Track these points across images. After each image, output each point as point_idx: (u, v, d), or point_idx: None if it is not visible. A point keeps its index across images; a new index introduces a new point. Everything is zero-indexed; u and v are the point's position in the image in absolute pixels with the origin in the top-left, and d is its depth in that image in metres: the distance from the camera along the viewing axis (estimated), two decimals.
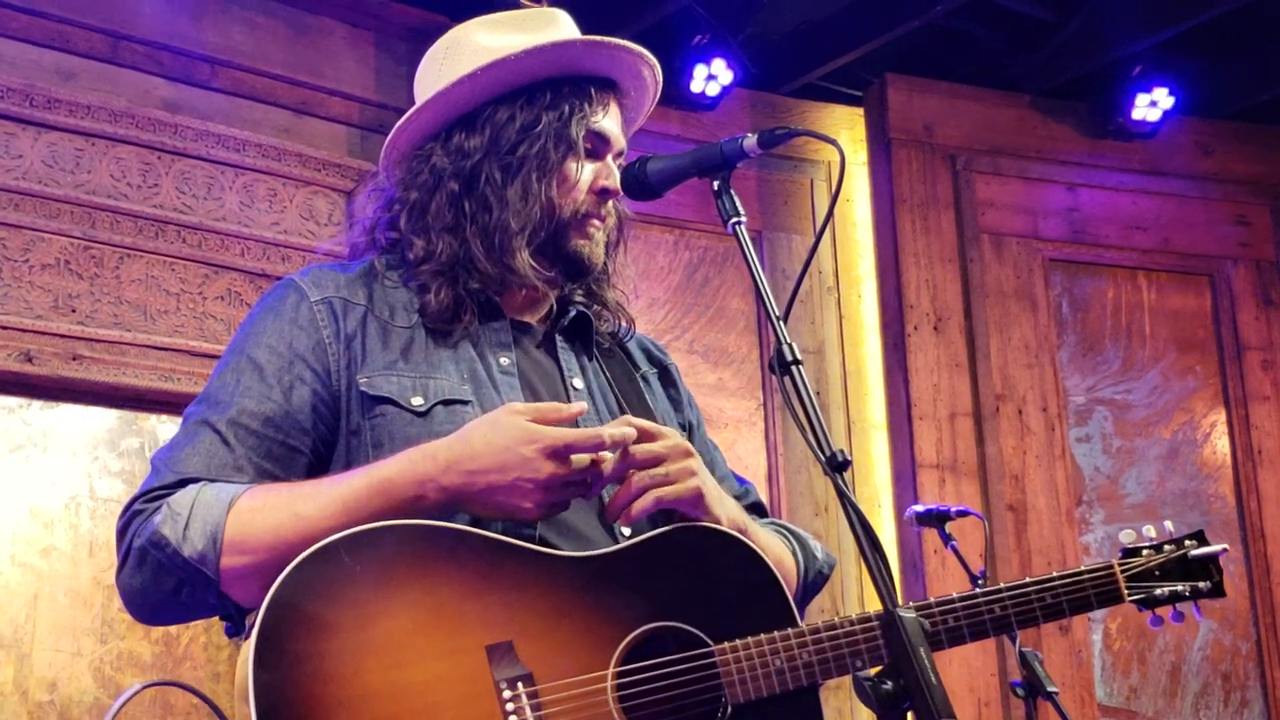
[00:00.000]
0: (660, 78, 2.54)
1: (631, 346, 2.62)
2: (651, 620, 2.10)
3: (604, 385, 2.47)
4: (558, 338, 2.45)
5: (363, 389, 2.23)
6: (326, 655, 1.94)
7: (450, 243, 2.35)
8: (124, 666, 6.17)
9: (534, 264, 2.36)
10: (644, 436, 2.17)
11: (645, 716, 2.05)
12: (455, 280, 2.34)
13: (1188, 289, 7.29)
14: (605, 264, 2.49)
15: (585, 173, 2.40)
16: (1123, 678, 6.65)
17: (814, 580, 2.51)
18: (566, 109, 2.39)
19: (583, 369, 2.46)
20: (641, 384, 2.53)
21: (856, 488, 6.49)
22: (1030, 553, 6.53)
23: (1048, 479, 6.69)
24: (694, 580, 2.15)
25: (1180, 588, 2.44)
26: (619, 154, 2.46)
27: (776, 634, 2.12)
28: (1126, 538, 2.50)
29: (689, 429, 2.60)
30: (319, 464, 2.24)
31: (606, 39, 2.42)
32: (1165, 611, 2.44)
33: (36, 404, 6.19)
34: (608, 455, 2.14)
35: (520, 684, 2.00)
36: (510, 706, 1.98)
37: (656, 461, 2.15)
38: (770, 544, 2.38)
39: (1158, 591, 2.43)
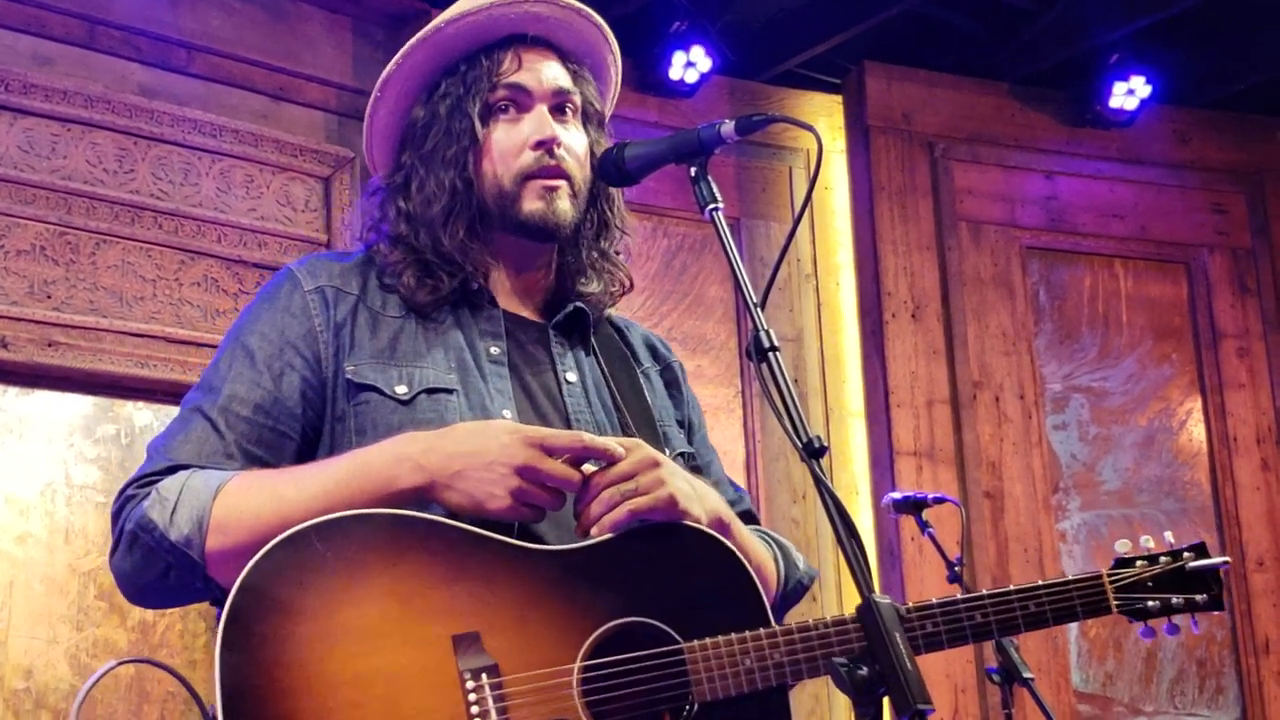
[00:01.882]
0: (578, 6, 2.45)
1: (635, 340, 2.61)
2: (622, 615, 2.08)
3: (599, 379, 2.45)
4: (552, 331, 2.44)
5: (348, 376, 2.26)
6: (293, 639, 1.96)
7: (407, 234, 2.38)
8: (100, 653, 6.15)
9: (467, 244, 2.36)
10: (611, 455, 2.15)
11: (609, 711, 2.04)
12: (427, 267, 2.36)
13: (1164, 277, 7.31)
14: (588, 220, 2.46)
15: (514, 133, 2.37)
16: (1098, 664, 6.68)
17: (793, 589, 2.49)
18: (462, 87, 2.38)
19: (578, 363, 2.44)
20: (641, 380, 2.51)
21: (834, 475, 6.49)
22: (1007, 539, 6.55)
23: (1024, 466, 6.70)
24: (668, 577, 2.13)
25: (1174, 599, 2.37)
26: (554, 97, 2.40)
27: (748, 633, 2.10)
28: (1121, 547, 2.42)
29: (688, 428, 2.58)
30: (308, 450, 2.27)
31: (474, 6, 2.39)
32: (1159, 623, 2.38)
33: (12, 391, 6.17)
34: (588, 467, 2.13)
35: (484, 675, 1.99)
36: (473, 697, 1.98)
37: (626, 477, 2.13)
38: (752, 546, 2.36)
39: (1149, 603, 2.37)
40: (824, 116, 6.95)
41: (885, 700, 1.82)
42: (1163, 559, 2.40)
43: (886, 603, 1.83)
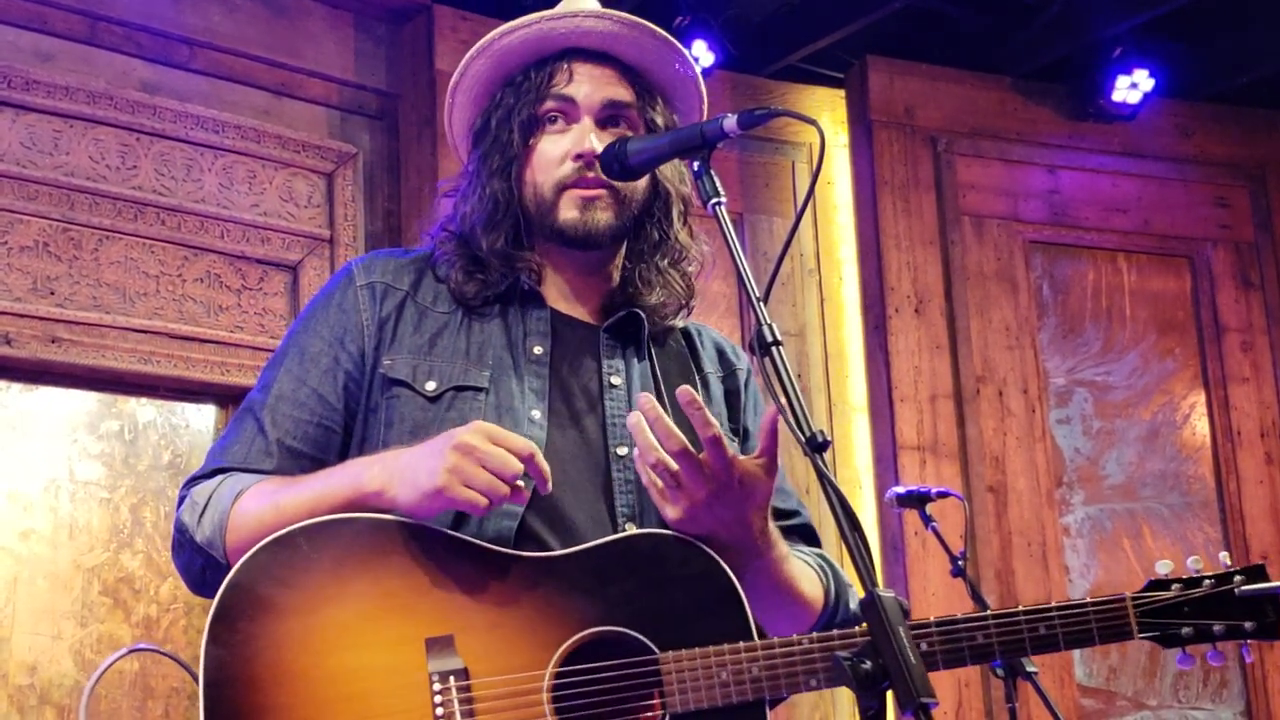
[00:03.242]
0: (634, 20, 2.46)
1: (705, 346, 2.58)
2: (599, 624, 2.08)
3: (649, 386, 2.42)
4: (603, 335, 2.42)
5: (383, 371, 2.32)
6: (273, 636, 2.02)
7: (464, 233, 2.44)
8: (104, 649, 6.16)
9: (508, 250, 2.38)
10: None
11: (578, 719, 2.04)
12: (477, 261, 2.40)
13: (1167, 271, 7.30)
14: (643, 234, 2.46)
15: (558, 144, 2.38)
16: (1102, 658, 6.67)
17: (841, 621, 2.38)
18: (514, 98, 2.41)
19: (627, 367, 2.42)
20: (699, 388, 2.48)
21: (837, 470, 6.49)
22: (1010, 534, 6.54)
23: (1028, 460, 6.70)
24: (648, 587, 2.12)
25: (1215, 627, 2.16)
26: (604, 109, 2.41)
27: (726, 646, 2.08)
28: (1163, 568, 2.21)
29: (744, 436, 2.54)
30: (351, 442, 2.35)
31: (529, 20, 2.42)
32: (1199, 650, 2.17)
33: (15, 386, 6.16)
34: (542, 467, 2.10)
35: (453, 678, 2.01)
36: (439, 699, 2.00)
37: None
38: (799, 572, 2.32)
39: (1183, 630, 2.16)
40: (826, 111, 6.94)
41: (889, 694, 1.81)
42: (1206, 582, 2.19)
43: (890, 596, 1.82)
